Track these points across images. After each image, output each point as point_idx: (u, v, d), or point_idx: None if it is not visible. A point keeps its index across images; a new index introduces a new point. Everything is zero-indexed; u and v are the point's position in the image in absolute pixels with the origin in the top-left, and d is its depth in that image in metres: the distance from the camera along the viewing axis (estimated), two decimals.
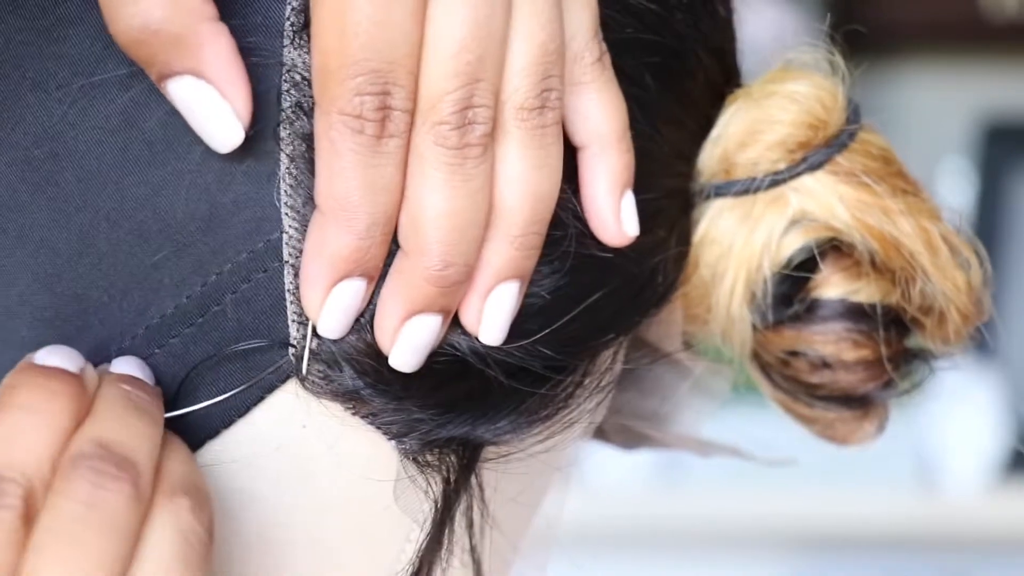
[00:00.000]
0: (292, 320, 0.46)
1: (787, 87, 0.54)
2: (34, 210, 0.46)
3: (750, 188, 0.53)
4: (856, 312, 0.54)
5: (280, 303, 0.46)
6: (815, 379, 0.56)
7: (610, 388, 0.52)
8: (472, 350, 0.47)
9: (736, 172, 0.54)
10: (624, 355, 0.53)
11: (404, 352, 0.46)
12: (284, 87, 0.45)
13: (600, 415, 0.53)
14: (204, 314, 0.46)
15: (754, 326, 0.55)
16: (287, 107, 0.45)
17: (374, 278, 0.45)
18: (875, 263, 0.54)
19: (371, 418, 0.48)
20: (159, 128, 0.45)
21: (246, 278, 0.46)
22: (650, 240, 0.51)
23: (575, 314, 0.49)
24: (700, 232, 0.54)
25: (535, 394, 0.49)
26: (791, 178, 0.53)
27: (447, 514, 0.49)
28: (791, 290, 0.54)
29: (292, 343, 0.46)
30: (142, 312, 0.46)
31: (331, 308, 0.45)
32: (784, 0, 1.86)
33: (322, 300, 0.45)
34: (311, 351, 0.46)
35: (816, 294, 0.54)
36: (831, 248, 0.54)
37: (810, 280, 0.54)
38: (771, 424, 0.66)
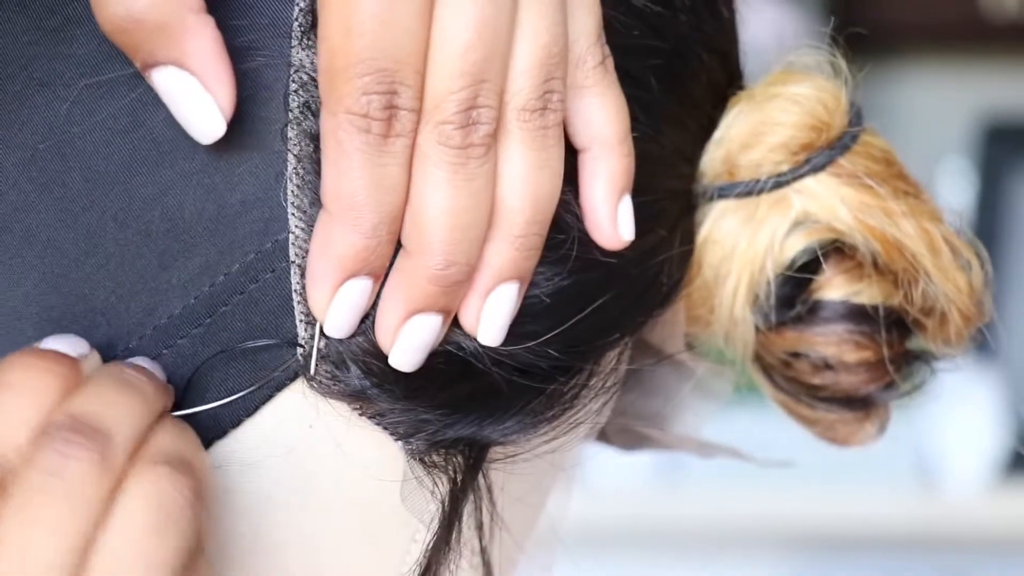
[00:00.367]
0: (300, 320, 0.46)
1: (789, 89, 0.54)
2: (41, 210, 0.46)
3: (753, 190, 0.53)
4: (858, 313, 0.54)
5: (288, 303, 0.46)
6: (817, 380, 0.56)
7: (615, 389, 0.52)
8: (478, 350, 0.47)
9: (739, 174, 0.54)
10: (628, 356, 0.54)
11: (404, 351, 0.46)
12: (292, 87, 0.45)
13: (605, 416, 0.53)
14: (212, 315, 0.46)
15: (756, 327, 0.55)
16: (294, 107, 0.45)
17: (380, 277, 0.45)
18: (877, 265, 0.54)
19: (378, 418, 0.48)
20: (166, 127, 0.45)
21: (254, 278, 0.46)
22: (653, 240, 0.51)
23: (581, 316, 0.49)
24: (703, 233, 0.54)
25: (541, 395, 0.49)
26: (794, 180, 0.53)
27: (454, 514, 0.49)
28: (793, 291, 0.54)
29: (300, 343, 0.46)
30: (150, 313, 0.46)
31: (338, 307, 0.45)
32: (785, 1, 1.86)
33: (329, 299, 0.45)
34: (319, 350, 0.46)
35: (818, 296, 0.55)
36: (833, 250, 0.54)
37: (812, 282, 0.54)
38: (772, 425, 0.66)
